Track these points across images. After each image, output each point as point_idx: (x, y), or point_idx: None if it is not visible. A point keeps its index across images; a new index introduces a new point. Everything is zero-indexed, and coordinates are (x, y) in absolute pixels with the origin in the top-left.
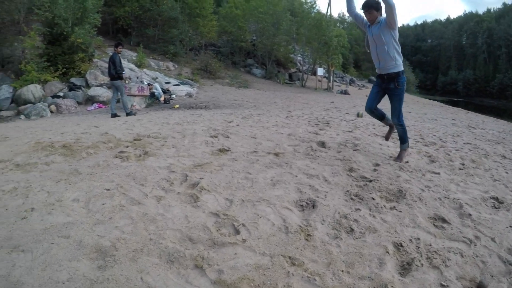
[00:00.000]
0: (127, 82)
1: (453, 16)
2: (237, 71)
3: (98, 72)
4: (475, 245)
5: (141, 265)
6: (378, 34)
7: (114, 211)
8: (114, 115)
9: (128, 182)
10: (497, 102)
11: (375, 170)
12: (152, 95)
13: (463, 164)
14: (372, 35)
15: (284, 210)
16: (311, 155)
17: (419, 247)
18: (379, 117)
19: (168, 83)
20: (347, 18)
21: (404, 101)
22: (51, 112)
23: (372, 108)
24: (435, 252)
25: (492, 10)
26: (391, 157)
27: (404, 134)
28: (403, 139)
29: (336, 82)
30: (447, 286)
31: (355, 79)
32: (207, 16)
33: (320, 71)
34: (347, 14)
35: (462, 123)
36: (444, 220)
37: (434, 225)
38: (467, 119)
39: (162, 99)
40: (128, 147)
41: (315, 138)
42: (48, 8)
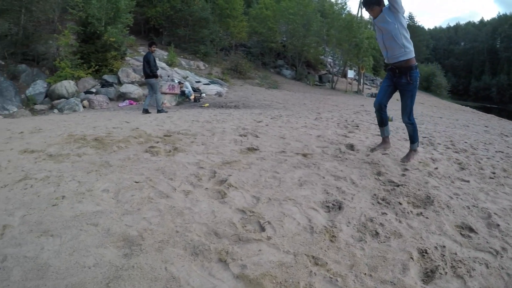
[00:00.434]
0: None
1: (486, 18)
2: (267, 71)
3: (130, 70)
4: (502, 256)
5: (166, 255)
6: (383, 22)
7: (143, 203)
8: (146, 111)
9: (157, 176)
10: None
11: (403, 175)
12: (183, 93)
13: (494, 173)
14: (378, 26)
15: (310, 210)
16: (340, 157)
17: (444, 255)
18: (383, 121)
19: (199, 82)
20: None
21: (436, 106)
22: (84, 107)
23: (382, 104)
24: (460, 261)
25: None
26: (420, 162)
27: (414, 133)
28: (413, 138)
29: (366, 84)
30: None
31: None
32: (237, 17)
33: (351, 73)
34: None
35: (494, 131)
36: (471, 229)
37: (461, 233)
38: (500, 127)
39: (192, 97)
40: (158, 142)
41: (344, 141)
42: (82, 8)
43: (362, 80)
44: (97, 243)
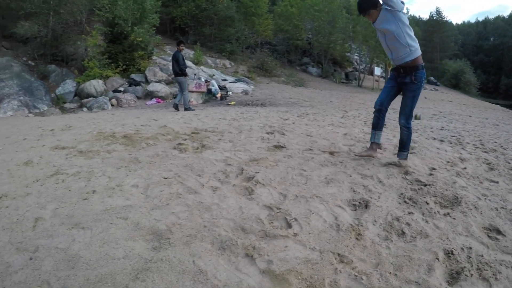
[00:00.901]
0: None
1: None
2: (292, 69)
3: (157, 69)
4: None
5: (194, 249)
6: (383, 24)
7: (171, 198)
8: (176, 106)
9: (186, 172)
10: None
11: (431, 175)
12: (209, 91)
13: None
14: (378, 28)
15: (337, 208)
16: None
17: (470, 257)
18: (378, 124)
19: (225, 80)
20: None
21: (464, 104)
22: (112, 105)
23: (383, 104)
24: (486, 263)
25: None
26: (448, 162)
27: (408, 140)
28: (404, 146)
29: None
30: None
31: None
32: (262, 15)
33: (378, 71)
34: (405, 11)
35: None
36: (498, 232)
37: (488, 235)
38: None
39: (218, 95)
40: (186, 139)
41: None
42: (109, 9)
43: None
44: (126, 236)
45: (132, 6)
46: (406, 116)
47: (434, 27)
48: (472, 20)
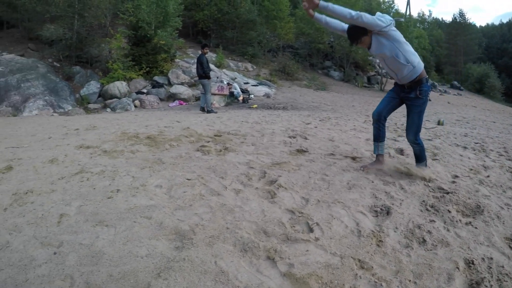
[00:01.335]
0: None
1: None
2: (314, 73)
3: (179, 71)
4: None
5: (216, 250)
6: (378, 49)
7: (194, 199)
8: (202, 109)
9: (209, 174)
10: None
11: (453, 182)
12: (231, 94)
13: None
14: (376, 54)
15: (358, 214)
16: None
17: (490, 267)
18: (379, 135)
19: (247, 83)
20: (427, 18)
21: (489, 109)
22: (135, 106)
23: (381, 114)
24: (507, 274)
25: None
26: (471, 169)
27: (421, 152)
28: (420, 158)
29: None
30: None
31: (436, 83)
32: (284, 18)
33: None
34: (427, 13)
35: None
36: None
37: (510, 246)
38: None
39: (240, 98)
40: (209, 142)
41: (393, 145)
42: (132, 13)
43: None
44: (150, 235)
45: (155, 10)
46: (414, 133)
47: (457, 30)
48: (496, 22)
